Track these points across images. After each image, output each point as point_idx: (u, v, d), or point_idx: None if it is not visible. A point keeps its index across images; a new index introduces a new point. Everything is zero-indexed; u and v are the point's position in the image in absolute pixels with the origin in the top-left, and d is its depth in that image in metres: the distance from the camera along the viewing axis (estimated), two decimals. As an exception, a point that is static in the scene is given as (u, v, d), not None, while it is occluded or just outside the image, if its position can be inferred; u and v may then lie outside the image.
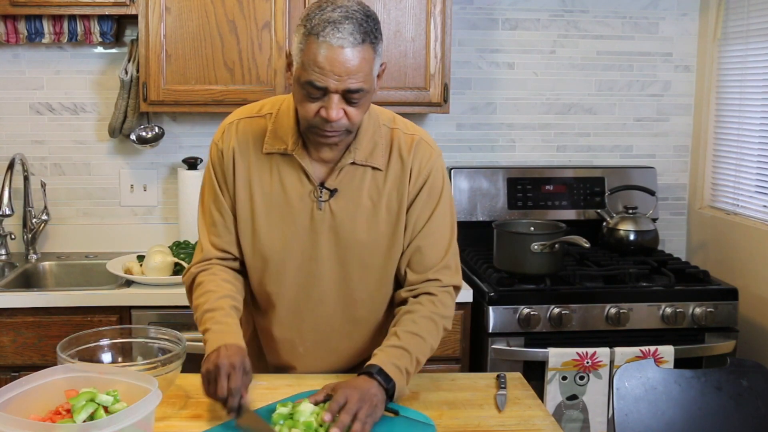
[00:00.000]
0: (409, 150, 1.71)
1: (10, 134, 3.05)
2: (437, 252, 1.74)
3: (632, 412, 1.90)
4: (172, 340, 1.72)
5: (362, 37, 1.51)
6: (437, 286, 1.73)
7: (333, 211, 1.69)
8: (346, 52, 1.49)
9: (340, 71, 1.50)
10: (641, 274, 2.77)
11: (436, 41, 2.80)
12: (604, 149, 3.31)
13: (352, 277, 1.73)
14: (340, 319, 1.77)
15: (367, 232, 1.70)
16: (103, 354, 1.72)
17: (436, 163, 1.74)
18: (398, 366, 1.59)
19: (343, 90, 1.52)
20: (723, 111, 3.18)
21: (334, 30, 1.49)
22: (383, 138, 1.71)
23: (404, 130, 1.74)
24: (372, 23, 1.54)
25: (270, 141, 1.69)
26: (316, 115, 1.56)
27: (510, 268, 2.71)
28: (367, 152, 1.68)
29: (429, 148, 1.75)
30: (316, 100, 1.54)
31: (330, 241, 1.70)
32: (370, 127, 1.70)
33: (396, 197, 1.70)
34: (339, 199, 1.69)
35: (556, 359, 2.53)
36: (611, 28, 3.25)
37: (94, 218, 3.13)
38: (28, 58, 3.02)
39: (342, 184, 1.68)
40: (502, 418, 1.61)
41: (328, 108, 1.53)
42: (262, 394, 1.66)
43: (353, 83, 1.51)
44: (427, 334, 1.67)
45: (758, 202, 2.95)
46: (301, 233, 1.70)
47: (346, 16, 1.50)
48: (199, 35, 2.71)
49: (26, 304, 2.51)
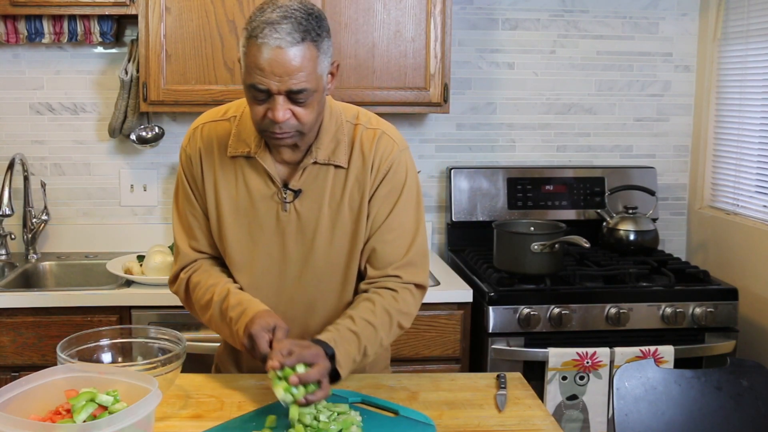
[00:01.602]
0: (371, 144, 1.69)
1: (10, 134, 3.05)
2: (398, 248, 1.71)
3: (632, 412, 1.90)
4: (172, 340, 1.72)
5: (302, 36, 1.49)
6: (397, 282, 1.70)
7: (298, 211, 1.69)
8: (285, 52, 1.48)
9: (280, 72, 1.49)
10: (641, 274, 2.77)
11: (436, 41, 2.80)
12: (604, 149, 3.31)
13: (320, 277, 1.73)
14: (308, 319, 1.75)
15: (331, 231, 1.70)
16: (103, 354, 1.71)
17: (399, 156, 1.71)
18: (349, 353, 1.58)
19: (286, 91, 1.51)
20: (723, 111, 3.18)
21: (272, 31, 1.48)
22: (346, 135, 1.70)
23: (367, 125, 1.72)
24: (314, 21, 1.52)
25: (234, 144, 1.69)
26: (264, 117, 1.55)
27: (510, 268, 2.71)
28: (329, 151, 1.68)
29: (391, 141, 1.72)
30: (263, 103, 1.54)
31: (297, 242, 1.70)
32: (332, 125, 1.69)
33: (357, 193, 1.69)
34: (304, 200, 1.69)
35: (556, 359, 2.53)
36: (611, 28, 3.25)
37: (94, 218, 3.13)
38: (28, 58, 3.02)
39: (306, 184, 1.68)
40: (502, 418, 1.61)
41: (274, 110, 1.53)
42: (262, 394, 1.66)
43: (295, 84, 1.50)
44: (381, 327, 1.65)
45: (758, 202, 2.95)
46: (268, 235, 1.70)
47: (284, 16, 1.49)
48: (199, 35, 2.71)
49: (26, 304, 2.51)
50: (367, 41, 2.78)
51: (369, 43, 2.78)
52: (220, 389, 1.70)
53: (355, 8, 2.76)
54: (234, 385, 1.72)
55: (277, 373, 1.47)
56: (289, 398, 1.46)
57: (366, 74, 2.79)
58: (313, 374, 1.47)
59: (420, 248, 1.74)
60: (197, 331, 2.55)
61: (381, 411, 1.59)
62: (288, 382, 1.45)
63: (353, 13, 2.76)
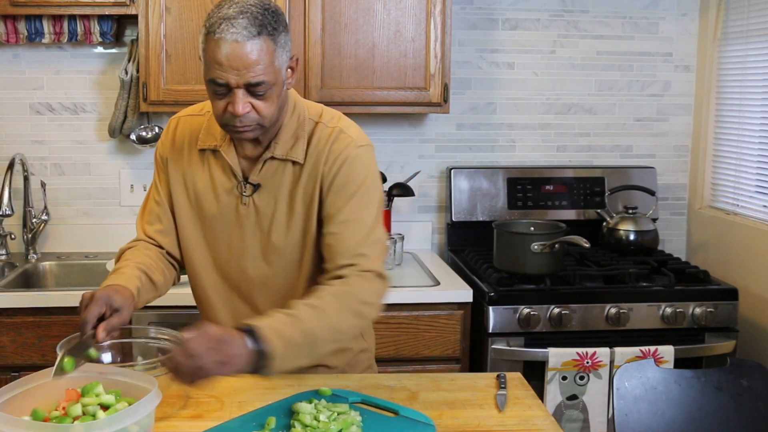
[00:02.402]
0: (327, 141, 1.70)
1: (10, 134, 3.05)
2: (354, 240, 1.66)
3: (632, 412, 1.90)
4: (172, 340, 1.72)
5: (258, 30, 1.53)
6: (351, 270, 1.63)
7: (257, 206, 1.72)
8: (242, 45, 1.52)
9: (237, 65, 1.52)
10: (641, 274, 2.77)
11: (436, 41, 2.80)
12: (604, 149, 3.31)
13: (277, 272, 1.74)
14: (266, 311, 1.72)
15: (285, 226, 1.71)
16: (103, 354, 1.71)
17: (356, 152, 1.69)
18: (281, 332, 1.48)
19: (245, 84, 1.55)
20: (723, 111, 3.18)
21: (228, 26, 1.52)
22: (306, 132, 1.71)
23: (328, 123, 1.72)
24: (270, 16, 1.55)
25: (203, 138, 1.75)
26: (225, 111, 1.59)
27: (510, 268, 2.71)
28: (287, 147, 1.70)
29: (348, 138, 1.70)
30: (223, 97, 1.58)
31: (255, 236, 1.73)
32: (293, 121, 1.71)
33: (311, 187, 1.70)
34: (262, 194, 1.72)
35: (556, 359, 2.53)
36: (611, 28, 3.25)
37: (94, 218, 3.13)
38: (28, 58, 3.02)
39: (264, 179, 1.71)
40: (502, 418, 1.61)
41: (234, 103, 1.56)
42: (263, 394, 1.66)
43: (253, 77, 1.54)
44: (330, 309, 1.56)
45: (758, 202, 2.95)
46: (228, 229, 1.74)
47: (240, 11, 1.53)
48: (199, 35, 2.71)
49: (26, 304, 2.51)
50: (367, 41, 2.78)
51: (369, 43, 2.78)
52: (220, 389, 1.70)
53: (355, 8, 2.76)
54: (234, 385, 1.72)
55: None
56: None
57: (366, 74, 2.79)
58: None
59: (378, 240, 1.69)
60: (197, 331, 2.55)
61: (381, 411, 1.59)
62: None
63: (353, 13, 2.76)
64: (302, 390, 1.66)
